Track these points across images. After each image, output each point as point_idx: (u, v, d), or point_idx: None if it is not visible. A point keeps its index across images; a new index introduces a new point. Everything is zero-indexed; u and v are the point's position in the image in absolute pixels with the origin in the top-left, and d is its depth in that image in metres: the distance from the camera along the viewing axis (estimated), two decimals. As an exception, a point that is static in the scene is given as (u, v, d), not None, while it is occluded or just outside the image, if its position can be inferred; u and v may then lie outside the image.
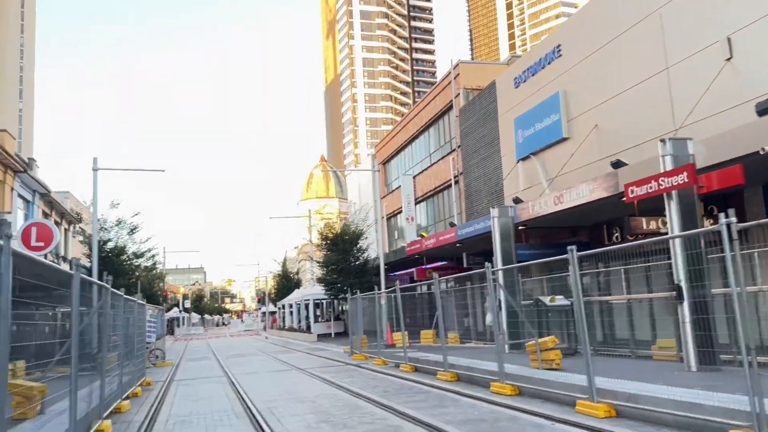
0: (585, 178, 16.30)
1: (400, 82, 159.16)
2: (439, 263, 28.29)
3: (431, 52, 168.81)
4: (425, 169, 33.60)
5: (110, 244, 29.51)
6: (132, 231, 29.51)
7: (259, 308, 76.73)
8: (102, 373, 8.20)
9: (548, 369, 10.08)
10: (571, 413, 7.58)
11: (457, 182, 29.09)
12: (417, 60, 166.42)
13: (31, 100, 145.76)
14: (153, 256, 33.15)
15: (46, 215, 33.68)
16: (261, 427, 8.05)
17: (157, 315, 28.89)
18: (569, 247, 7.95)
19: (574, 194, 14.73)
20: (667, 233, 11.48)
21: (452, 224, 22.83)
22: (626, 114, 17.24)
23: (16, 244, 11.91)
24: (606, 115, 18.21)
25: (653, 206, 14.14)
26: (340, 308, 43.21)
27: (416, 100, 37.31)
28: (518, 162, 22.81)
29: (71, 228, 37.21)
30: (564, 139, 20.29)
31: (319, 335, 35.07)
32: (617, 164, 13.99)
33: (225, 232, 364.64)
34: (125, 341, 11.96)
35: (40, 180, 31.60)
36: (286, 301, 49.06)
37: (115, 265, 28.63)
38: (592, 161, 18.54)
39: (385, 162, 40.24)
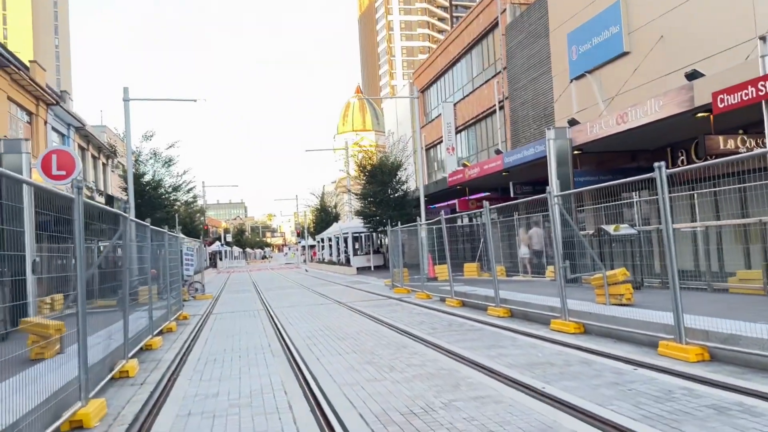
0: (649, 95, 14.60)
1: (438, 7, 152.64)
2: (482, 194, 27.03)
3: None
4: (467, 96, 31.78)
5: (146, 178, 29.09)
6: (167, 163, 28.94)
7: (299, 242, 77.26)
8: (125, 310, 7.48)
9: (617, 305, 8.98)
10: (654, 356, 6.53)
11: (501, 108, 27.34)
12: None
13: (66, 37, 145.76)
14: (190, 189, 32.67)
15: (82, 149, 33.45)
16: (299, 366, 7.28)
17: (196, 248, 28.73)
18: (656, 164, 6.66)
19: (641, 112, 13.15)
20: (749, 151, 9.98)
21: (498, 152, 21.40)
22: (696, 22, 15.27)
23: (37, 173, 11.21)
24: (673, 24, 16.22)
25: (733, 124, 12.53)
26: (378, 241, 42.63)
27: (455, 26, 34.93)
28: (571, 82, 20.99)
29: (109, 162, 37.05)
30: (624, 54, 18.39)
31: (358, 268, 34.64)
32: (693, 75, 12.29)
33: (264, 167, 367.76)
34: (155, 275, 11.34)
35: (74, 113, 31.12)
36: (325, 234, 48.79)
37: (152, 198, 28.30)
38: (657, 77, 16.71)
39: (424, 89, 38.36)
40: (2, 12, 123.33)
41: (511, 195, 20.79)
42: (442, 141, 34.92)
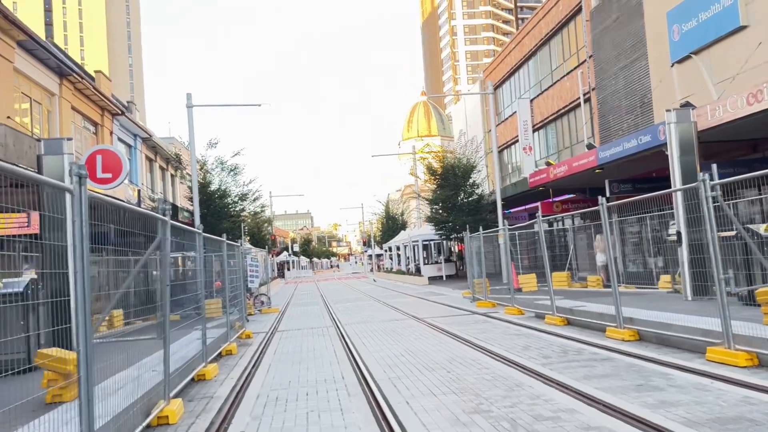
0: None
1: (503, 9, 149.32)
2: (567, 196, 24.64)
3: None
4: (545, 90, 29.40)
5: (212, 187, 28.34)
6: (233, 171, 28.07)
7: (365, 251, 76.04)
8: (165, 338, 5.93)
9: (802, 329, 6.73)
10: None
11: (587, 100, 24.87)
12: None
13: (139, 54, 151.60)
14: (256, 198, 31.78)
15: (150, 160, 33.24)
16: (383, 413, 5.50)
17: (262, 258, 27.64)
18: None
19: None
20: None
21: (590, 146, 19.08)
22: None
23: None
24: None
25: None
26: (449, 249, 40.56)
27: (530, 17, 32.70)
28: (672, 66, 18.44)
29: (177, 174, 36.79)
30: (741, 29, 15.78)
31: (429, 278, 32.70)
32: None
33: (328, 176, 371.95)
34: (207, 290, 9.91)
35: (140, 123, 30.86)
36: (393, 243, 47.13)
37: (219, 208, 27.48)
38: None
39: (496, 87, 36.13)
40: (80, 34, 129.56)
41: (606, 194, 18.38)
42: (516, 141, 32.61)
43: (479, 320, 12.81)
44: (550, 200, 23.84)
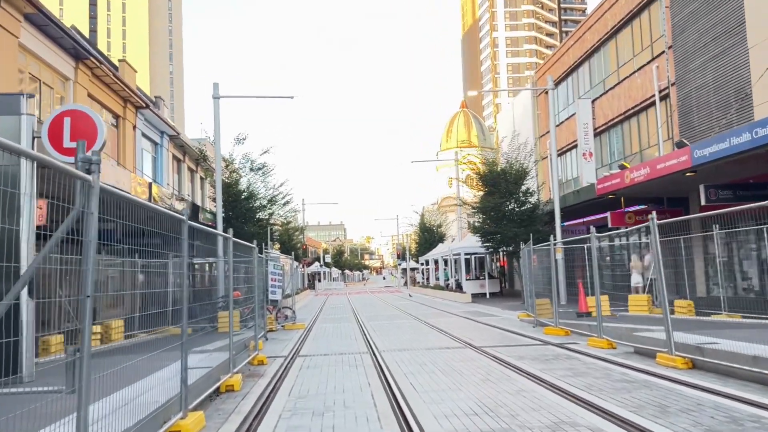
0: None
1: (546, 22, 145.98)
2: (638, 207, 21.41)
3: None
4: (610, 89, 26.25)
5: (239, 187, 25.98)
6: (261, 170, 25.64)
7: (399, 264, 73.15)
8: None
9: None
10: None
11: (664, 98, 21.69)
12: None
13: (180, 62, 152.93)
14: (287, 202, 29.27)
15: (177, 160, 31.19)
16: None
17: (288, 266, 25.09)
18: None
19: None
20: None
21: (681, 144, 15.95)
22: None
23: (45, 144, 7.49)
24: None
25: None
26: (493, 264, 37.42)
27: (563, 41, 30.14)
28: (783, 50, 15.28)
29: (205, 175, 34.68)
30: None
31: (471, 295, 29.63)
32: None
33: (363, 189, 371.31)
34: (207, 305, 7.30)
35: (167, 120, 28.81)
36: (430, 255, 44.17)
37: (245, 210, 25.06)
38: None
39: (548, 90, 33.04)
40: (122, 41, 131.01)
41: (702, 202, 15.23)
42: (573, 147, 29.48)
43: (560, 355, 9.82)
44: (622, 210, 20.64)
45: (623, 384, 7.14)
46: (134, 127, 24.93)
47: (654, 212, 9.10)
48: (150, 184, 18.39)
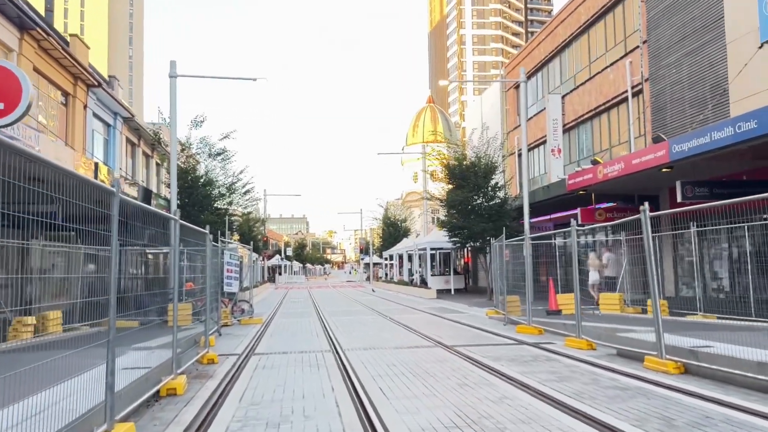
0: None
1: (513, 21, 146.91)
2: (607, 204, 21.04)
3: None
4: (581, 84, 25.87)
5: (196, 172, 24.64)
6: (220, 155, 24.35)
7: (362, 258, 72.26)
8: None
9: None
10: None
11: (636, 94, 21.35)
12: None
13: (140, 45, 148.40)
14: (247, 191, 27.99)
15: (132, 144, 29.59)
16: None
17: (247, 257, 23.96)
18: None
19: None
20: None
21: (659, 138, 15.49)
22: None
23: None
24: None
25: None
26: (459, 260, 36.92)
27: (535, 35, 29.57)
28: (761, 46, 14.94)
29: (159, 159, 33.12)
30: None
31: (438, 291, 28.96)
32: None
33: (326, 182, 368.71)
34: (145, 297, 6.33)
35: (121, 101, 27.21)
36: (395, 250, 43.41)
37: (201, 197, 23.75)
38: None
39: (518, 86, 32.62)
40: (81, 22, 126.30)
41: (678, 199, 14.81)
42: (542, 143, 29.13)
43: (539, 356, 9.10)
44: (593, 207, 20.20)
45: (615, 391, 6.43)
46: (85, 106, 23.36)
47: (646, 203, 8.46)
48: (96, 165, 17.02)
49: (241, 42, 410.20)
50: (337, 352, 9.92)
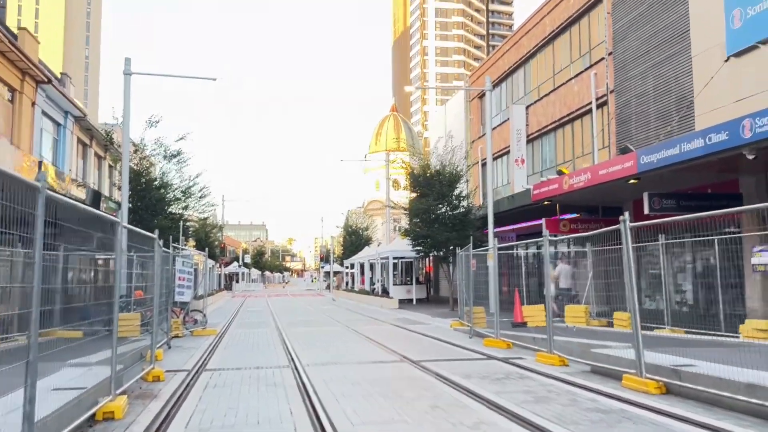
0: None
1: (475, 34, 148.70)
2: (571, 215, 20.94)
3: (509, 3, 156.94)
4: (545, 95, 25.89)
5: (150, 175, 23.54)
6: (176, 156, 23.33)
7: (322, 266, 71.26)
8: None
9: None
10: None
11: (601, 106, 21.37)
12: (493, 12, 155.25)
13: (97, 45, 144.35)
14: (203, 196, 26.95)
15: (83, 144, 28.21)
16: None
17: (202, 264, 22.97)
18: None
19: None
20: None
21: (626, 149, 15.34)
22: None
23: None
24: None
25: None
26: (421, 269, 36.51)
27: (533, 14, 29.33)
28: (728, 59, 15.00)
29: (110, 158, 31.74)
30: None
31: (400, 301, 28.43)
32: None
33: (287, 190, 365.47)
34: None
35: (73, 99, 25.89)
36: (356, 259, 42.74)
37: (154, 200, 22.66)
38: None
39: (482, 95, 32.56)
40: (35, 20, 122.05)
41: (645, 211, 14.65)
42: (505, 153, 29.01)
43: (511, 373, 8.61)
44: (557, 218, 20.02)
45: (598, 414, 5.96)
46: (33, 103, 22.06)
47: (626, 213, 8.08)
48: (40, 164, 15.90)
49: (206, 47, 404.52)
50: (297, 368, 9.23)
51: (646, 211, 14.76)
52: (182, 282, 13.67)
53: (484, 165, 31.73)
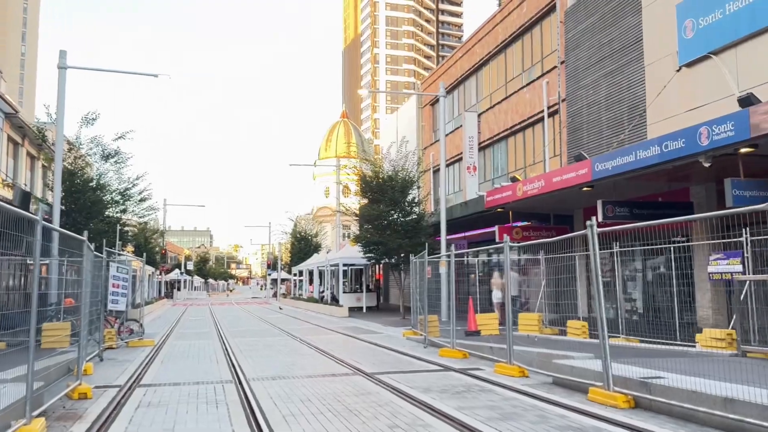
0: None
1: (425, 44, 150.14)
2: (523, 222, 20.83)
3: (458, 15, 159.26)
4: (497, 104, 25.89)
5: (85, 176, 22.17)
6: (114, 156, 22.07)
7: (269, 274, 69.71)
8: None
9: None
10: None
11: (552, 114, 21.43)
12: (443, 23, 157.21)
13: (35, 43, 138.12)
14: (143, 199, 25.65)
15: (15, 143, 26.46)
16: None
17: (140, 270, 21.73)
18: None
19: None
20: None
21: (581, 157, 15.25)
22: None
23: None
24: None
25: None
26: (371, 276, 35.98)
27: (485, 22, 29.29)
28: (680, 69, 15.16)
29: (51, 166, 29.95)
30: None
31: (349, 309, 27.77)
32: None
33: (232, 196, 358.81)
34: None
35: (3, 95, 24.18)
36: (305, 266, 41.80)
37: (89, 202, 21.32)
38: None
39: (434, 102, 32.43)
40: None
41: (599, 218, 14.56)
42: (458, 159, 28.88)
43: (471, 386, 8.14)
44: (510, 225, 19.86)
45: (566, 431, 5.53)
46: (-46, 96, 20.47)
47: (593, 218, 7.77)
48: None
49: (153, 48, 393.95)
50: (241, 383, 8.49)
51: (599, 218, 14.65)
52: (117, 289, 12.66)
53: (436, 172, 31.54)
